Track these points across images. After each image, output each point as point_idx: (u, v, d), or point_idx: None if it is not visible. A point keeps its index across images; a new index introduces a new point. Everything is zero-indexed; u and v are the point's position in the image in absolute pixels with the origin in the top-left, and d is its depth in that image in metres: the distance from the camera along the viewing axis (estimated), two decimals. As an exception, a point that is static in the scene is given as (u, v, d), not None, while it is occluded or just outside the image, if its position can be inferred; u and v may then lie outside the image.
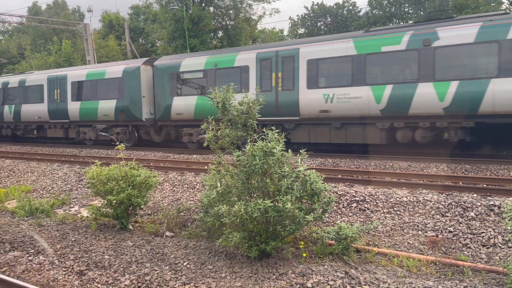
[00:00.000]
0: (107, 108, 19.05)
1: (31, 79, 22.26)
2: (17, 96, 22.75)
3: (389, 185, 9.16)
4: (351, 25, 33.12)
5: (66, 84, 20.56)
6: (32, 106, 21.99)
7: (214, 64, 16.17)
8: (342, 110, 13.62)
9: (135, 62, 19.20)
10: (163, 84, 17.52)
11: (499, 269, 5.38)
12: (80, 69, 21.12)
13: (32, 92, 22.02)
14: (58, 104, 20.93)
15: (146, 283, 5.43)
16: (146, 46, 42.74)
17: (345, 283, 5.14)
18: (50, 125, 21.71)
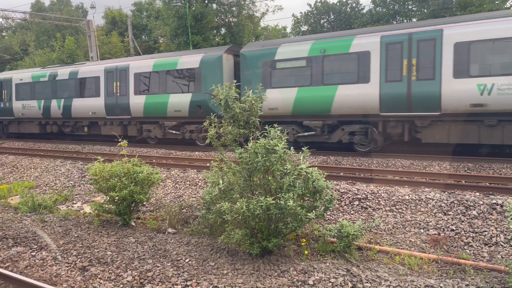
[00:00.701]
0: (180, 102, 16.88)
1: (85, 70, 20.09)
2: (67, 89, 20.62)
3: (391, 183, 9.15)
4: (354, 23, 33.01)
5: (128, 75, 18.41)
6: (85, 100, 19.94)
7: (321, 50, 13.92)
8: (504, 104, 11.32)
9: (215, 51, 16.96)
10: (253, 75, 15.26)
11: (501, 268, 5.38)
12: (145, 59, 18.81)
13: (86, 85, 19.92)
14: (117, 99, 18.77)
15: (148, 279, 5.45)
16: (149, 43, 42.76)
17: (347, 281, 5.15)
18: (105, 122, 19.74)
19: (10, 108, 23.17)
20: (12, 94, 23.11)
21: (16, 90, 22.98)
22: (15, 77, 23.18)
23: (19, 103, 22.81)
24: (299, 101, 14.32)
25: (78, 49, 38.55)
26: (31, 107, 22.24)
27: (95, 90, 19.64)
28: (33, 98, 22.13)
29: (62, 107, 20.91)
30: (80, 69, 20.40)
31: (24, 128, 23.26)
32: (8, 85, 23.34)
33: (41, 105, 21.62)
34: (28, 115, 22.58)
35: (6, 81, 23.49)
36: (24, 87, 22.55)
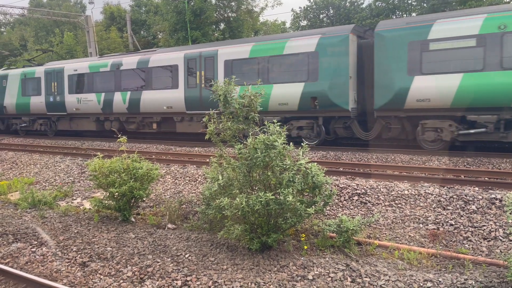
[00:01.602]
0: (287, 94, 14.34)
1: (158, 58, 17.63)
2: (135, 80, 18.14)
3: (390, 178, 9.17)
4: (353, 17, 32.90)
5: (216, 63, 15.93)
6: (158, 93, 17.37)
7: (500, 26, 11.31)
8: None
9: (336, 31, 14.13)
10: (395, 58, 12.60)
11: (500, 262, 5.40)
12: (239, 44, 16.07)
13: (159, 75, 17.37)
14: (202, 91, 16.24)
15: (148, 274, 5.48)
16: (148, 39, 42.61)
17: (346, 276, 5.17)
18: (183, 118, 17.21)
19: (62, 102, 20.79)
20: (64, 87, 20.68)
21: (69, 82, 20.50)
22: (68, 67, 20.69)
23: (73, 96, 20.38)
24: (464, 90, 11.64)
25: (77, 45, 38.43)
26: (88, 101, 19.77)
27: (172, 81, 17.02)
28: (90, 91, 19.66)
29: (128, 100, 18.33)
30: (151, 57, 17.78)
31: (77, 125, 20.99)
32: (59, 76, 20.93)
33: (101, 99, 19.13)
34: (84, 110, 20.18)
35: (56, 72, 21.08)
36: (80, 79, 20.08)
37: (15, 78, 23.03)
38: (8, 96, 23.31)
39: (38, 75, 21.96)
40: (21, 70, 23.06)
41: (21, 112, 23.10)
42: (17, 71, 23.28)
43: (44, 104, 21.64)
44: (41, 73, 21.82)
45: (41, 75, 21.78)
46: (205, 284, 5.12)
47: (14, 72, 23.43)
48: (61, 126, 21.78)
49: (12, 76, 23.21)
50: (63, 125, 21.64)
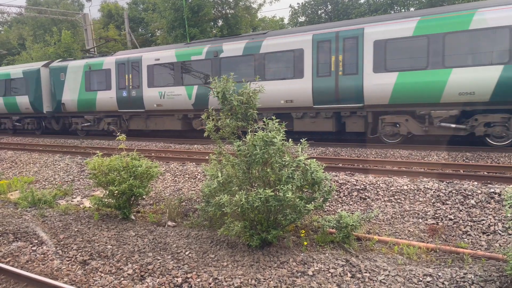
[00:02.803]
0: (474, 80, 11.47)
1: (274, 42, 14.64)
2: (241, 69, 15.33)
3: (389, 173, 9.18)
4: (352, 13, 32.85)
5: (360, 45, 13.00)
6: (274, 84, 14.56)
7: None
8: None
9: None
10: None
11: (499, 256, 5.42)
12: (394, 20, 12.90)
13: (276, 63, 14.77)
14: (338, 80, 13.40)
15: (148, 272, 5.49)
16: (146, 36, 42.51)
17: (346, 271, 5.19)
18: (306, 113, 14.39)
19: (139, 97, 17.95)
20: (141, 80, 17.85)
21: (148, 73, 17.65)
22: (147, 56, 17.78)
23: (153, 91, 17.51)
24: None
25: (75, 43, 38.33)
26: (174, 96, 16.92)
27: (294, 69, 14.28)
28: (178, 84, 16.81)
29: None
30: (264, 41, 14.88)
31: (156, 124, 18.12)
32: (134, 67, 18.13)
33: (192, 93, 16.31)
34: (168, 107, 17.27)
35: (131, 63, 18.26)
36: (163, 70, 17.23)
37: (76, 71, 19.99)
38: (67, 91, 20.30)
39: (107, 66, 18.92)
40: (85, 61, 19.96)
41: (84, 110, 20.04)
42: (79, 63, 20.16)
43: (115, 100, 18.70)
44: (111, 64, 18.82)
45: (111, 66, 18.76)
46: (205, 281, 5.14)
47: (75, 64, 20.28)
48: (134, 125, 18.89)
49: (73, 68, 20.13)
50: (136, 124, 18.76)
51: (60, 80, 20.56)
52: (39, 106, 21.43)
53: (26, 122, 22.92)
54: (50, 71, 21.03)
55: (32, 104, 21.53)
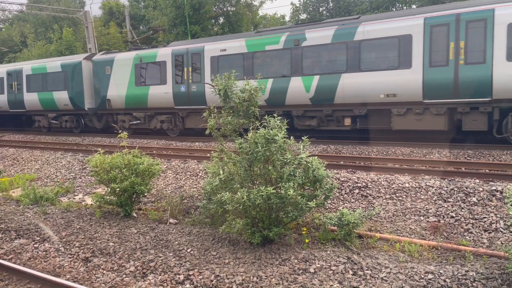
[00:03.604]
0: None
1: (373, 28, 12.85)
2: (328, 60, 13.48)
3: (391, 171, 9.17)
4: (353, 10, 32.76)
5: (490, 29, 11.26)
6: (373, 75, 12.71)
7: None
8: None
9: None
10: None
11: (501, 254, 5.42)
12: None
13: (375, 52, 12.82)
14: (458, 69, 11.65)
15: (150, 269, 5.51)
16: (147, 34, 42.46)
17: (347, 268, 5.20)
18: (410, 109, 12.63)
19: (200, 93, 15.93)
20: (203, 73, 15.96)
21: (212, 66, 15.78)
22: (211, 47, 15.90)
23: None
24: None
25: (76, 41, 38.33)
26: None
27: (398, 58, 12.46)
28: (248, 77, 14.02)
29: (314, 88, 13.69)
30: (360, 27, 13.05)
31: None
32: (195, 60, 16.28)
33: (266, 87, 14.63)
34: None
35: (191, 54, 16.38)
36: (230, 62, 15.32)
37: (125, 64, 18.16)
38: (113, 86, 18.51)
39: (162, 58, 17.02)
40: (134, 53, 18.07)
41: (133, 106, 18.19)
42: (128, 55, 18.39)
43: (171, 96, 16.78)
44: (166, 56, 16.95)
45: (167, 58, 16.89)
46: (207, 278, 5.15)
47: (123, 56, 18.51)
48: (191, 124, 16.88)
49: (121, 61, 18.37)
50: (194, 122, 16.60)
51: (105, 74, 18.77)
52: (80, 102, 19.77)
53: (63, 120, 21.11)
54: (94, 65, 19.34)
55: (72, 100, 19.88)
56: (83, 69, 19.76)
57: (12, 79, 22.57)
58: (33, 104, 21.65)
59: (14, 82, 22.43)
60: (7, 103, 22.90)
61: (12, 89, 22.54)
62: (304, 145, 6.00)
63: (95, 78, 19.34)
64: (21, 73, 22.08)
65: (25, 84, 21.83)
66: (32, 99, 21.57)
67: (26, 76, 21.80)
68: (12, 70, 22.66)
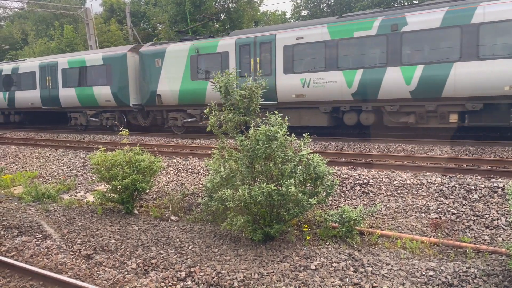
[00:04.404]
0: None
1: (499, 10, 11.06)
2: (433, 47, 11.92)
3: (392, 168, 9.17)
4: (355, 7, 32.67)
5: None
6: (497, 64, 11.08)
7: None
8: None
9: None
10: None
11: (502, 250, 5.42)
12: None
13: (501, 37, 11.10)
14: None
15: (152, 266, 5.52)
16: (148, 31, 42.42)
17: (349, 265, 5.20)
18: None
19: (270, 86, 13.63)
20: (275, 64, 14.25)
21: (285, 56, 14.07)
22: (284, 35, 14.09)
23: (293, 77, 13.92)
24: None
25: (77, 38, 38.31)
26: (325, 84, 13.38)
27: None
28: (332, 68, 13.30)
29: (417, 79, 12.04)
30: (478, 8, 11.31)
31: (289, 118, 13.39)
32: (265, 49, 14.52)
33: (353, 79, 12.93)
34: (313, 97, 13.72)
35: (259, 44, 14.58)
36: (309, 51, 13.73)
37: (178, 55, 16.52)
38: (165, 80, 16.89)
39: (224, 48, 15.42)
40: (190, 44, 16.36)
41: (187, 103, 16.53)
42: (182, 46, 16.59)
43: None
44: (229, 46, 15.27)
45: (230, 48, 15.22)
46: (208, 275, 5.16)
47: (176, 47, 16.78)
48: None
49: (174, 53, 16.71)
50: None
51: (154, 67, 17.09)
52: (124, 98, 18.12)
53: (104, 117, 19.39)
54: (141, 57, 17.64)
55: (115, 95, 18.23)
56: (128, 61, 18.05)
57: (45, 74, 20.80)
58: (70, 101, 20.02)
59: (48, 77, 20.66)
60: (40, 100, 21.15)
61: (46, 84, 20.79)
62: (305, 142, 6.00)
63: (143, 72, 17.59)
64: (55, 66, 20.34)
65: (61, 78, 20.15)
66: (68, 95, 19.94)
67: (62, 70, 20.09)
68: (45, 63, 20.90)
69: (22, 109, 22.72)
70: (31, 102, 21.64)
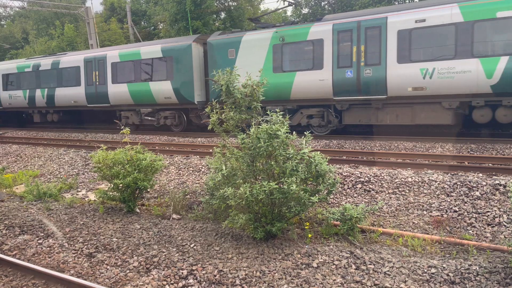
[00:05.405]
0: None
1: None
2: None
3: (394, 165, 9.16)
4: (355, 4, 32.61)
5: None
6: None
7: None
8: None
9: None
10: None
11: (504, 248, 5.41)
12: None
13: None
14: None
15: (154, 264, 5.53)
16: (149, 29, 42.40)
17: (350, 263, 5.21)
18: None
19: (378, 78, 12.45)
20: (386, 52, 12.33)
21: (400, 43, 12.15)
22: (398, 18, 12.27)
23: (409, 68, 12.02)
24: None
25: (77, 37, 38.32)
26: (455, 74, 11.45)
27: None
28: (464, 55, 11.35)
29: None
30: None
31: (398, 116, 12.71)
32: (371, 35, 12.58)
33: (495, 68, 10.94)
34: (435, 90, 11.79)
35: (365, 29, 12.68)
36: (433, 36, 11.77)
37: (258, 45, 14.58)
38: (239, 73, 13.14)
39: (316, 36, 13.49)
40: (272, 31, 14.36)
41: (267, 99, 13.21)
42: (261, 34, 14.63)
43: (330, 83, 13.25)
44: (323, 33, 13.37)
45: (324, 35, 13.32)
46: (210, 273, 5.17)
47: (255, 36, 14.77)
48: (351, 119, 13.57)
49: (252, 42, 14.72)
50: (357, 117, 13.41)
51: (227, 59, 15.17)
52: (188, 95, 16.26)
53: (162, 116, 17.69)
54: (210, 47, 15.72)
55: (177, 91, 16.36)
56: (193, 53, 16.18)
57: (91, 68, 19.02)
58: (121, 98, 18.16)
59: (95, 72, 18.89)
60: (85, 97, 19.35)
61: (92, 80, 18.99)
62: (307, 140, 6.00)
63: (212, 64, 15.50)
64: (104, 60, 18.54)
65: (110, 73, 18.34)
66: (119, 91, 18.10)
67: (112, 64, 18.29)
68: (91, 57, 19.10)
69: (62, 107, 20.84)
70: (74, 100, 19.83)
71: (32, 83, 21.30)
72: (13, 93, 22.28)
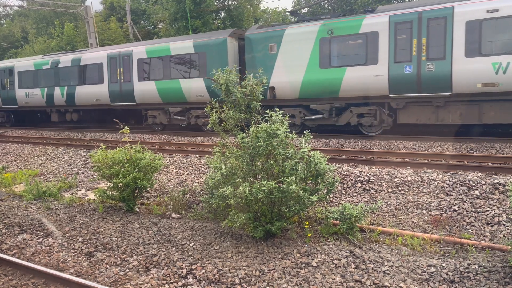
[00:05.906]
0: None
1: None
2: None
3: (393, 165, 9.16)
4: (355, 3, 32.60)
5: None
6: None
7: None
8: None
9: None
10: None
11: (503, 247, 5.42)
12: None
13: None
14: None
15: (153, 263, 5.53)
16: (148, 28, 42.37)
17: (350, 262, 5.21)
18: None
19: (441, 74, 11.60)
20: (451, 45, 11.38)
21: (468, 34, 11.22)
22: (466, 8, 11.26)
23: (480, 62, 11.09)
24: None
25: (77, 36, 38.29)
26: None
27: None
28: None
29: None
30: None
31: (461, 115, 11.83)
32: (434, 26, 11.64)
33: None
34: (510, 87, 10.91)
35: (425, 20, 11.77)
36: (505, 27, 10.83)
37: (303, 38, 13.61)
38: (281, 69, 14.05)
39: (370, 28, 12.51)
40: (318, 24, 13.42)
41: (313, 96, 13.75)
42: (307, 27, 13.63)
43: (386, 79, 12.29)
44: (378, 25, 12.39)
45: (379, 27, 12.35)
46: (210, 272, 5.17)
47: (299, 30, 13.80)
48: (408, 118, 12.65)
49: (296, 35, 13.76)
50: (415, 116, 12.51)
51: (267, 54, 14.29)
52: None
53: (193, 115, 16.64)
54: (248, 42, 14.74)
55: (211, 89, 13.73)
56: (228, 49, 15.32)
57: (116, 65, 18.07)
58: (148, 96, 17.26)
59: (119, 69, 17.91)
60: (108, 95, 18.36)
61: (117, 78, 18.04)
62: (306, 139, 6.00)
63: (250, 60, 14.66)
64: (129, 56, 17.62)
65: (136, 70, 17.43)
66: (146, 89, 17.20)
67: (138, 60, 17.38)
68: (116, 53, 18.17)
69: (82, 106, 19.84)
70: (97, 98, 18.82)
71: (51, 80, 20.41)
72: (30, 91, 21.25)
